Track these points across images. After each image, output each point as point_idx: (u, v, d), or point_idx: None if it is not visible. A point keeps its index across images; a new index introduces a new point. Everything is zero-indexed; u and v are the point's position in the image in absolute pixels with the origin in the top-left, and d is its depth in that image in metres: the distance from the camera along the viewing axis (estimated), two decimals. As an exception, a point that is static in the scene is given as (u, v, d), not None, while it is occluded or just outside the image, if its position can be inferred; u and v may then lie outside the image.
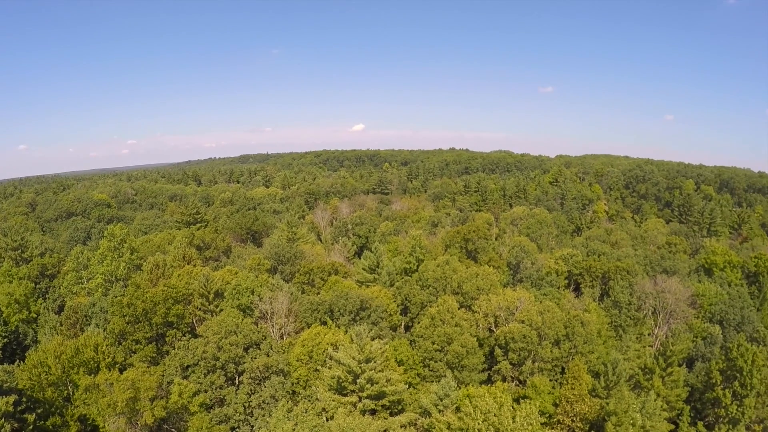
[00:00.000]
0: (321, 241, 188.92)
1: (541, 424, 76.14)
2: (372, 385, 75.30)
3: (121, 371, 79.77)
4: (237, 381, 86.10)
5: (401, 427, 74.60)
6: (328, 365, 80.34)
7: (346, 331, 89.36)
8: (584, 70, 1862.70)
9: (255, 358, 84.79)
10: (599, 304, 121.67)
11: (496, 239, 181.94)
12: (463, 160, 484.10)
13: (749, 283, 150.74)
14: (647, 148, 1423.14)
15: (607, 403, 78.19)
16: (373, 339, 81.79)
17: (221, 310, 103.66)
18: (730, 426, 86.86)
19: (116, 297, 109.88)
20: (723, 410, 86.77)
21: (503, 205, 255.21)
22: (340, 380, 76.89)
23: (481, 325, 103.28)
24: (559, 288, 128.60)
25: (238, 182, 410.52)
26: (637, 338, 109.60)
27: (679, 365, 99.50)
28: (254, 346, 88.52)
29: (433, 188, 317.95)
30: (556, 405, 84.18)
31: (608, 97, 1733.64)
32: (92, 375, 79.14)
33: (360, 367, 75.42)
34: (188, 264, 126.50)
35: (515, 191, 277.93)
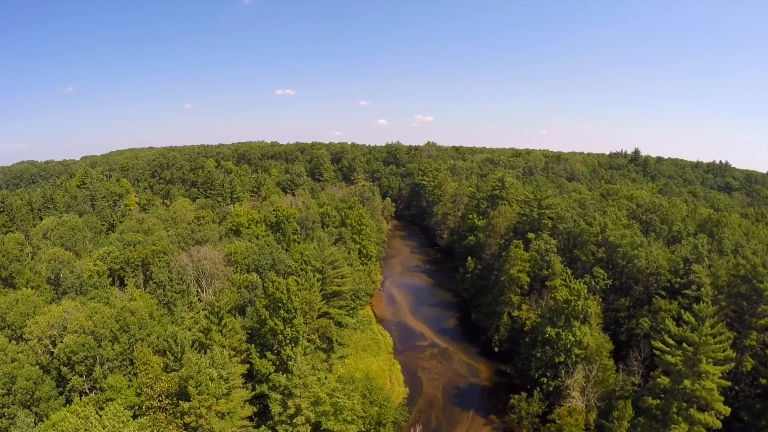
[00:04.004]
0: None
1: (132, 417, 78.68)
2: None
3: None
4: None
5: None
6: None
7: None
8: (102, 66, 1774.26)
9: None
10: (144, 289, 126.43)
11: (32, 258, 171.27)
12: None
13: (274, 231, 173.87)
14: (171, 137, 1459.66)
15: (181, 373, 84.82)
16: None
17: None
18: (293, 344, 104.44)
19: None
20: (281, 335, 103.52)
21: (33, 219, 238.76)
22: None
23: (39, 351, 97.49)
24: (105, 287, 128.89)
25: None
26: (189, 307, 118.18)
27: (233, 316, 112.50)
28: None
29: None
30: (139, 394, 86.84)
31: (129, 93, 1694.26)
32: None
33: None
34: None
35: (43, 202, 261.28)
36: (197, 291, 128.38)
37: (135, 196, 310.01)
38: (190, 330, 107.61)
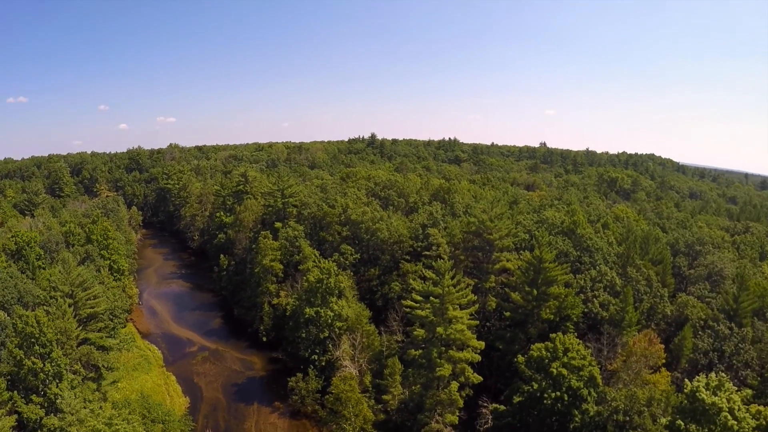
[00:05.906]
0: None
1: None
2: None
3: None
4: None
5: None
6: None
7: None
8: None
9: None
10: None
11: None
12: None
13: (16, 260, 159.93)
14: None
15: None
16: None
17: None
18: (57, 380, 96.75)
19: None
20: (42, 374, 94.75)
21: None
22: None
23: None
24: None
25: None
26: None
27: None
28: None
29: None
30: None
31: None
32: None
33: None
34: None
35: None
36: None
37: None
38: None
